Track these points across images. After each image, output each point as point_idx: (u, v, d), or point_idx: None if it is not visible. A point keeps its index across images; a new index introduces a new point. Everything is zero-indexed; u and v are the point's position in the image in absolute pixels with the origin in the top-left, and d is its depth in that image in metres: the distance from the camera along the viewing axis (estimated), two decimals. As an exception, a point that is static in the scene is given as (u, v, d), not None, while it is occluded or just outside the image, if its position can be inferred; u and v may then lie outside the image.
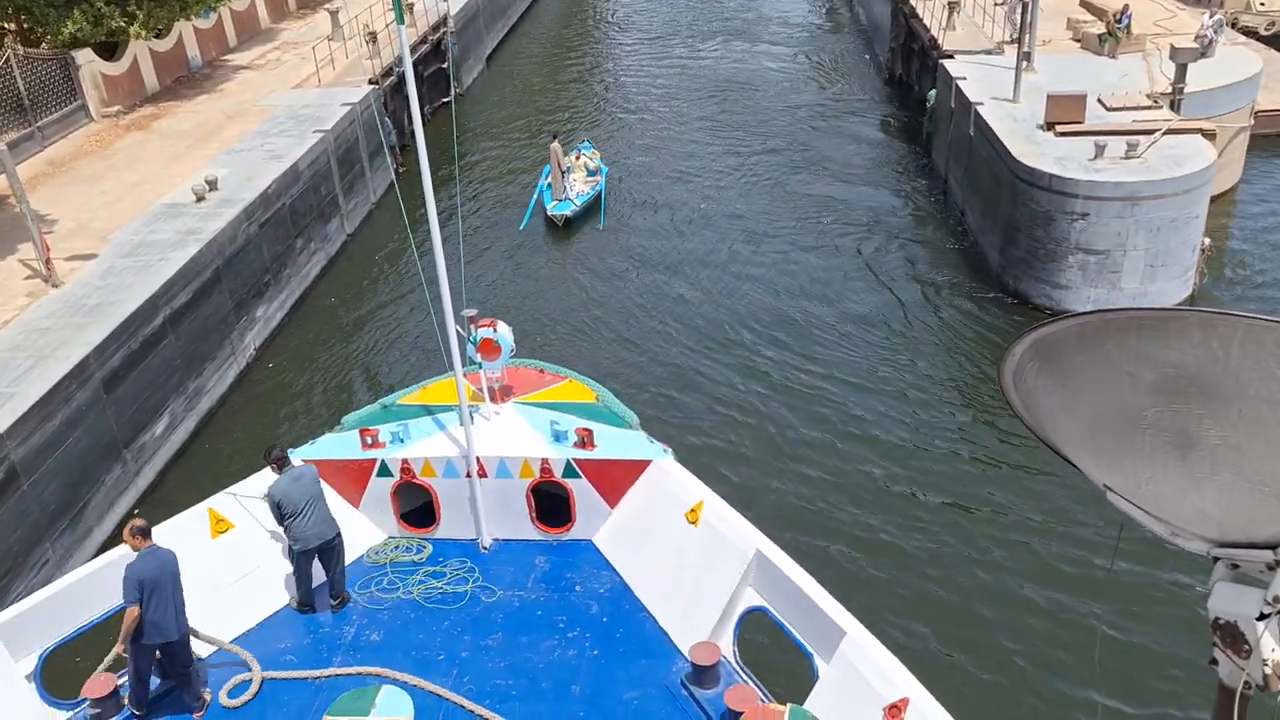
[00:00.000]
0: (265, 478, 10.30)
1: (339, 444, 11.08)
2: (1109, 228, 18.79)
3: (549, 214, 25.04)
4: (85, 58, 24.97)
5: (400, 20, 9.64)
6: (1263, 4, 32.28)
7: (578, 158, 26.62)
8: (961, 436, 16.81)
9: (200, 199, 20.22)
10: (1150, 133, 19.84)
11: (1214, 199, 20.26)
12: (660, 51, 41.43)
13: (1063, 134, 20.65)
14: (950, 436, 16.80)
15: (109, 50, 26.39)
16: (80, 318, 16.30)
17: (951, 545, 14.41)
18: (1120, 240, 18.76)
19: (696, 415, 17.67)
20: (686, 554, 9.85)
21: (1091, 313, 4.36)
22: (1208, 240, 19.73)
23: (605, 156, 28.03)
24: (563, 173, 25.47)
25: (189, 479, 16.50)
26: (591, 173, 26.39)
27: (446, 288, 10.08)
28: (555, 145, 25.70)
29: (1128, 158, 19.12)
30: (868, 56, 38.68)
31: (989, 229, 21.61)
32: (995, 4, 29.66)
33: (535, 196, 26.09)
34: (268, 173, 21.70)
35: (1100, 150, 19.21)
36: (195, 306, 18.17)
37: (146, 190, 21.13)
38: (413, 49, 31.51)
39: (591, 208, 25.56)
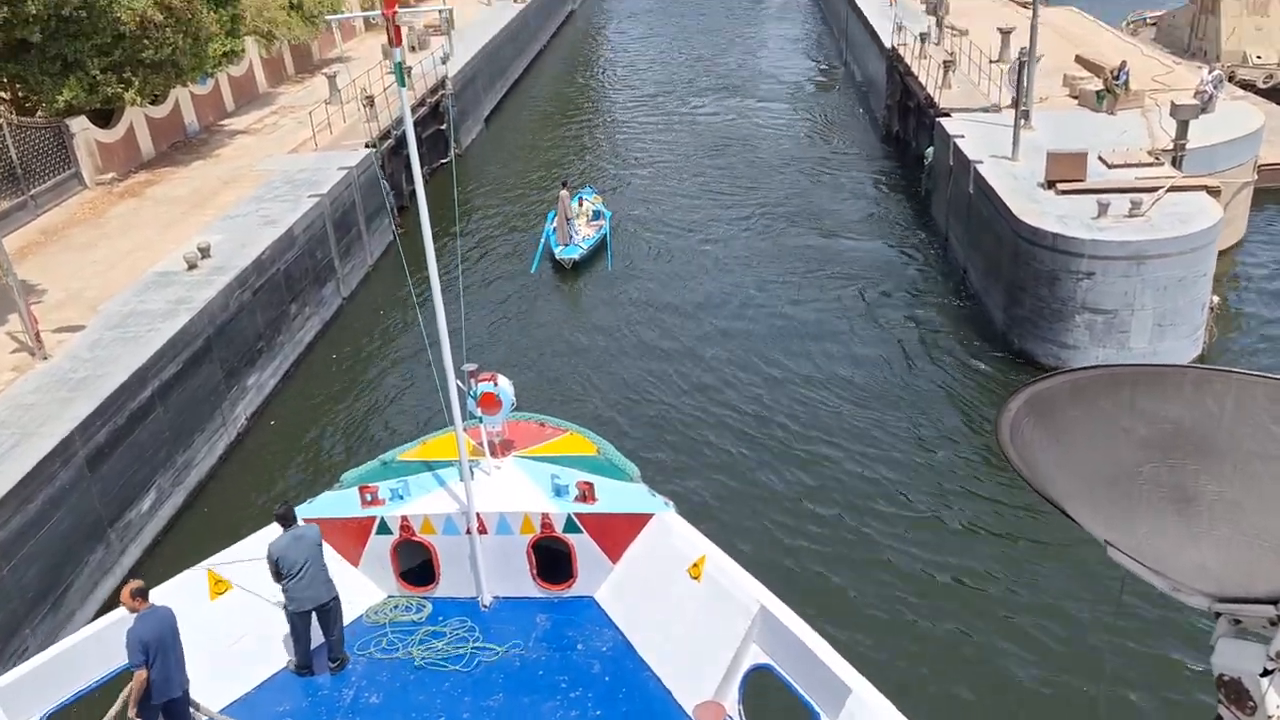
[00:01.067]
0: (265, 537, 10.27)
1: (338, 502, 11.09)
2: (1115, 287, 18.47)
3: (557, 258, 25.61)
4: (80, 125, 24.89)
5: (401, 83, 9.79)
6: (1259, 58, 32.36)
7: (581, 204, 27.27)
8: (966, 493, 16.44)
9: (192, 266, 19.95)
10: (1153, 190, 19.62)
11: (1219, 255, 19.98)
12: (659, 108, 41.65)
13: (1064, 192, 20.43)
14: (954, 494, 16.44)
15: (105, 117, 26.35)
16: (66, 392, 15.91)
17: (957, 601, 14.14)
18: (1127, 299, 18.43)
19: (699, 468, 17.52)
20: (689, 610, 9.75)
21: (1086, 368, 4.45)
22: (1216, 298, 19.42)
23: (608, 207, 28.42)
24: (568, 219, 26.01)
25: (179, 553, 15.98)
26: (595, 217, 27.19)
27: (447, 342, 10.15)
28: (564, 193, 26.31)
29: (1132, 216, 18.87)
30: (862, 111, 38.79)
31: (992, 287, 21.30)
32: (990, 62, 29.73)
33: (542, 241, 26.78)
34: (262, 238, 21.46)
35: (1104, 208, 18.96)
36: (185, 378, 17.79)
37: (139, 258, 20.87)
38: (411, 111, 31.46)
39: (598, 251, 26.28)
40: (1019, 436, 4.48)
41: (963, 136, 24.64)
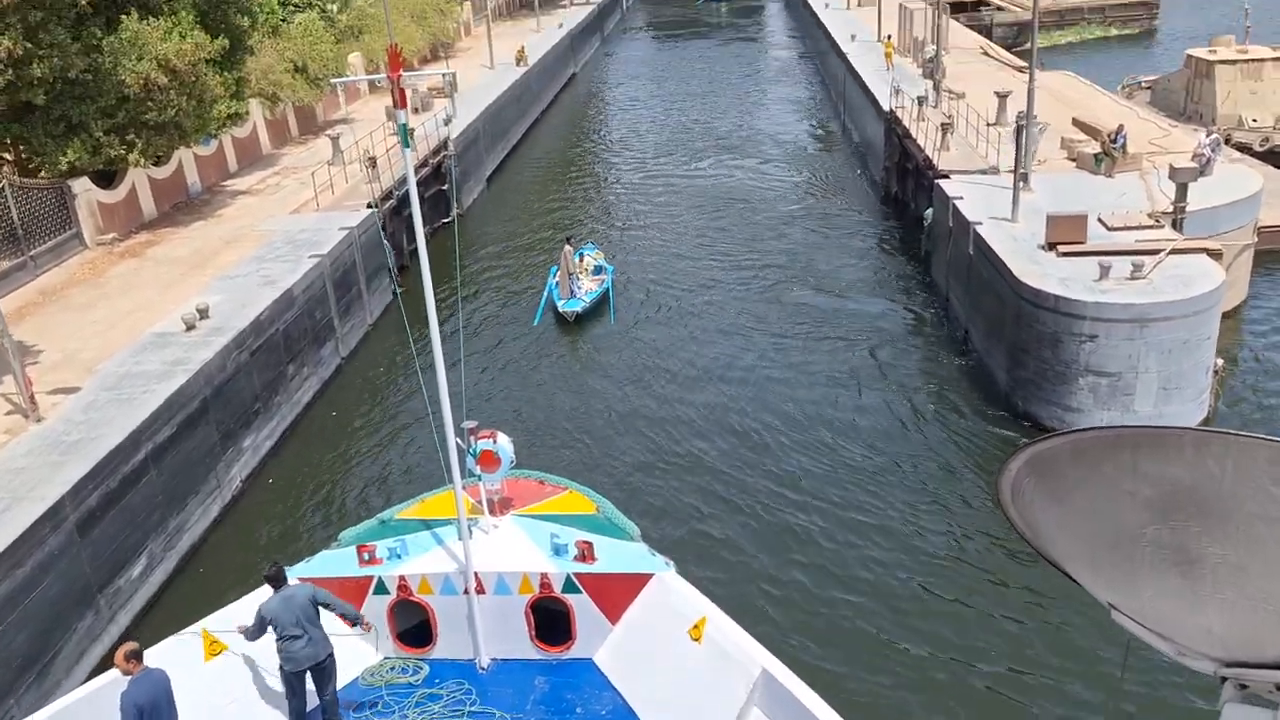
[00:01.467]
0: (261, 597, 10.19)
1: (335, 561, 11.03)
2: (1119, 350, 18.35)
3: (560, 310, 26.03)
4: (82, 186, 24.98)
5: (405, 144, 10.04)
6: (1254, 121, 32.66)
7: (582, 259, 27.73)
8: (969, 558, 16.21)
9: (190, 327, 19.85)
10: (1155, 253, 19.61)
11: (1222, 317, 19.88)
12: (660, 168, 41.99)
13: (1065, 254, 20.42)
14: (958, 558, 16.21)
15: (107, 177, 26.48)
16: (58, 455, 15.70)
17: (961, 663, 13.91)
18: (1131, 362, 18.30)
19: (699, 527, 17.37)
20: (690, 673, 9.59)
21: (1087, 429, 4.48)
22: (1220, 361, 19.30)
23: (610, 262, 28.87)
24: (570, 273, 26.53)
25: (170, 618, 15.66)
26: (597, 271, 27.71)
27: (447, 399, 10.16)
28: (567, 248, 26.97)
29: (1134, 278, 18.82)
30: (860, 172, 39.07)
31: (995, 349, 21.19)
32: (987, 125, 29.96)
33: (545, 295, 27.26)
34: (261, 299, 21.41)
35: (1105, 271, 18.92)
36: (179, 440, 17.58)
37: (138, 319, 20.79)
38: (414, 171, 31.69)
39: (600, 305, 26.77)
40: (1020, 497, 4.49)
41: (962, 198, 24.72)
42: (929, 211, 27.44)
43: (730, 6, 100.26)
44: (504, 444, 11.17)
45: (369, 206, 27.75)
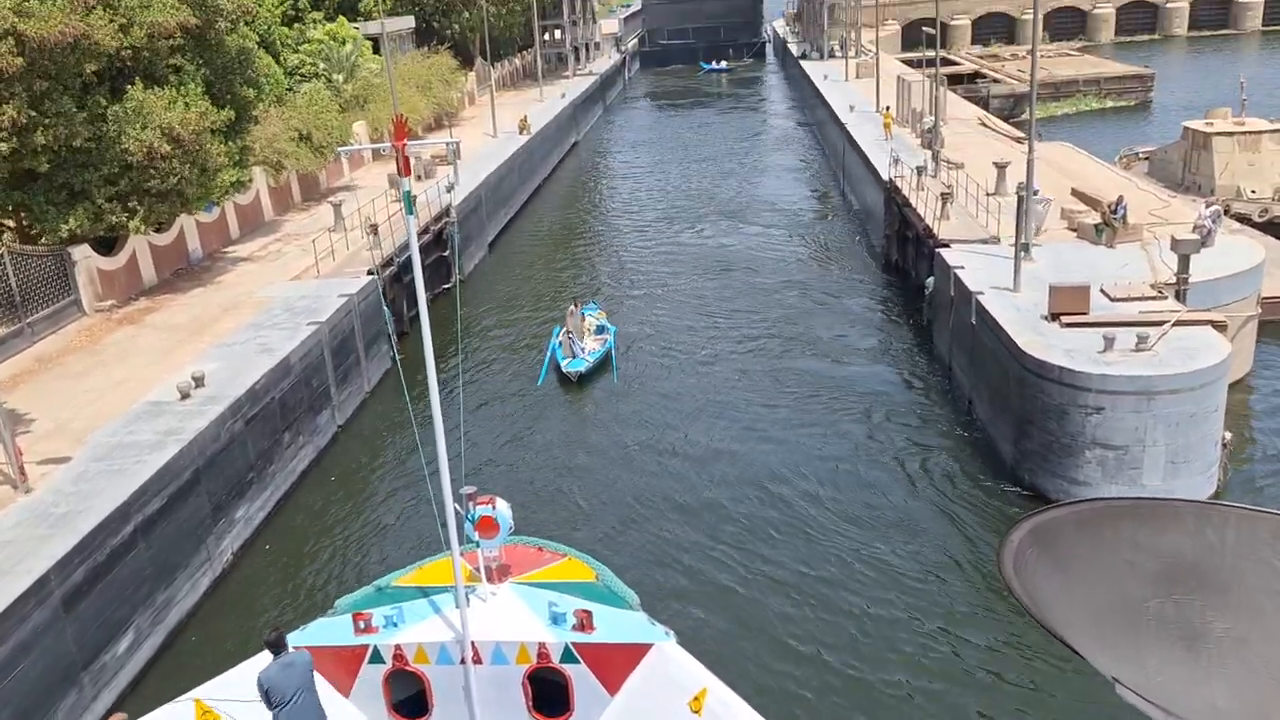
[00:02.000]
0: (256, 664, 10.09)
1: (331, 629, 10.89)
2: (1125, 422, 18.10)
3: (563, 370, 26.38)
4: (82, 253, 24.98)
5: (409, 210, 10.32)
6: (1253, 192, 32.80)
7: (584, 319, 28.13)
8: (973, 636, 15.78)
9: (185, 396, 19.63)
10: (1159, 324, 19.45)
11: (1228, 389, 19.66)
12: (661, 233, 42.25)
13: (1069, 325, 20.27)
14: (962, 634, 15.85)
15: (108, 244, 26.50)
16: (45, 529, 15.37)
17: None
18: (1138, 435, 18.03)
19: (700, 595, 17.13)
20: None
21: (1088, 500, 4.92)
22: (1228, 434, 19.02)
23: (612, 323, 29.42)
24: (572, 334, 27.10)
25: (155, 695, 15.29)
26: (599, 331, 28.23)
27: (445, 465, 10.20)
28: (572, 308, 27.73)
29: (1138, 350, 18.64)
30: (859, 239, 39.21)
31: (999, 419, 20.93)
32: (986, 195, 30.09)
33: (548, 355, 27.58)
34: (258, 367, 21.23)
35: (1110, 343, 18.75)
36: (170, 512, 17.25)
37: (132, 387, 20.58)
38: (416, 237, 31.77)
39: (603, 364, 27.06)
40: (1023, 569, 4.49)
41: (963, 268, 24.67)
42: (930, 280, 27.39)
43: (730, 76, 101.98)
44: (503, 510, 11.11)
45: (369, 273, 27.74)
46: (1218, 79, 71.28)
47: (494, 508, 11.03)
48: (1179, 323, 19.62)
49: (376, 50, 48.76)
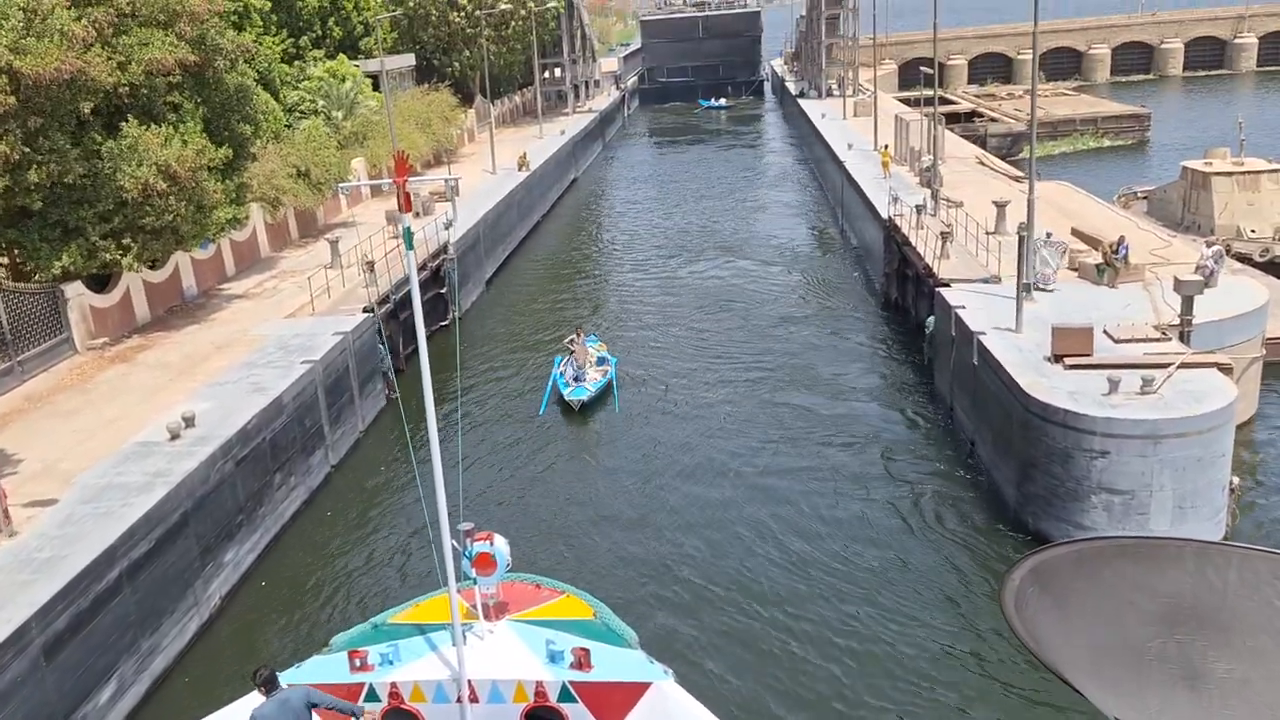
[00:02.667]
0: (249, 703, 10.01)
1: (326, 667, 10.81)
2: (1131, 467, 17.79)
3: (566, 399, 26.49)
4: (75, 290, 24.75)
5: (409, 246, 10.56)
6: (1253, 232, 32.72)
7: (586, 349, 28.36)
8: (974, 675, 15.50)
9: (175, 437, 19.31)
10: (1163, 366, 19.21)
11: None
12: (660, 270, 42.21)
13: (1072, 366, 20.01)
14: (963, 675, 15.57)
15: (101, 281, 26.28)
16: (28, 574, 14.99)
17: None
18: (1145, 480, 17.72)
19: (699, 634, 16.92)
20: None
21: (1088, 539, 4.91)
22: (1236, 479, 18.70)
23: (612, 353, 29.80)
24: (577, 363, 27.42)
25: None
26: (600, 362, 28.33)
27: (443, 501, 10.25)
28: (574, 337, 28.08)
29: (1144, 393, 18.37)
30: (858, 276, 39.10)
31: (1002, 462, 20.61)
32: (986, 233, 29.98)
33: (550, 384, 27.79)
34: (249, 406, 20.92)
35: (1114, 385, 18.49)
36: (156, 556, 16.86)
37: (122, 426, 20.27)
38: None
39: (605, 393, 27.25)
40: (1024, 609, 4.45)
41: (964, 307, 24.47)
42: (930, 320, 27.19)
43: (730, 114, 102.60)
44: (500, 546, 11.04)
45: (365, 311, 27.51)
46: (1214, 118, 71.74)
47: (492, 544, 10.96)
48: (1184, 365, 19.37)
49: (377, 87, 48.92)
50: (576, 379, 26.90)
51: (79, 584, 15.00)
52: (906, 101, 70.12)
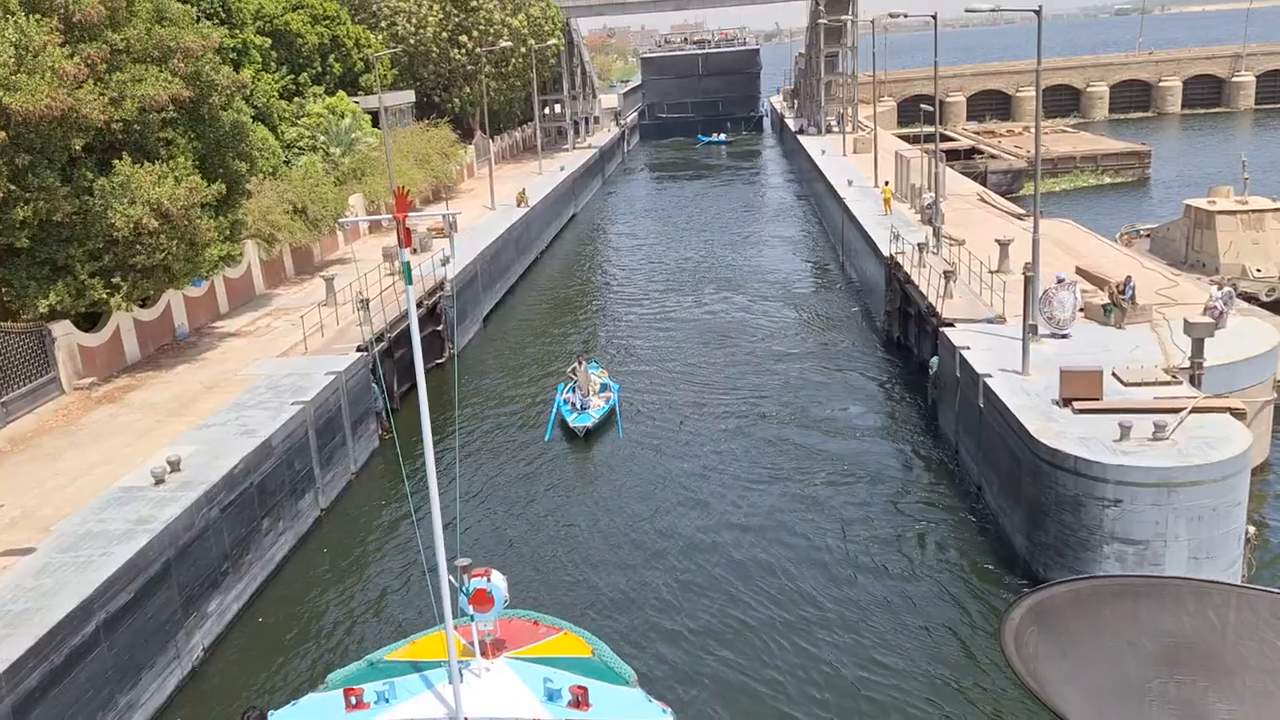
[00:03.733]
0: None
1: (321, 705, 10.72)
2: (1145, 516, 17.20)
3: (570, 425, 26.86)
4: (63, 330, 24.29)
5: (408, 281, 10.73)
6: (1259, 271, 32.34)
7: (589, 376, 28.62)
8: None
9: (159, 481, 18.77)
10: (1175, 411, 18.71)
11: (1248, 477, 18.85)
12: (659, 306, 41.92)
13: (1081, 410, 19.51)
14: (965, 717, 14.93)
15: (91, 319, 25.83)
16: (1, 628, 14.38)
17: None
18: (1159, 529, 17.12)
19: (699, 672, 16.61)
20: None
21: (1085, 577, 4.52)
22: (1251, 528, 18.13)
23: (614, 380, 30.22)
24: (579, 390, 27.78)
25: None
26: (602, 389, 28.65)
27: (440, 536, 10.23)
28: (577, 364, 28.40)
29: (1156, 439, 17.85)
30: (858, 312, 38.77)
31: (1011, 509, 20.05)
32: (990, 272, 29.60)
33: (554, 411, 28.16)
34: (237, 450, 20.39)
35: (1126, 431, 17.97)
36: (136, 607, 16.26)
37: (106, 471, 19.73)
38: (405, 314, 31.32)
39: (608, 419, 27.65)
40: (1024, 647, 4.70)
41: (969, 348, 24.02)
42: (934, 360, 26.73)
43: (730, 149, 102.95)
44: (498, 582, 11.00)
45: (359, 349, 27.05)
46: (1214, 156, 71.80)
47: (489, 580, 10.91)
48: (1196, 410, 18.87)
49: (376, 123, 48.79)
50: (581, 406, 27.26)
51: (53, 638, 14.40)
52: (905, 138, 70.18)
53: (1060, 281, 24.22)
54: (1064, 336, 24.07)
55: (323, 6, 54.89)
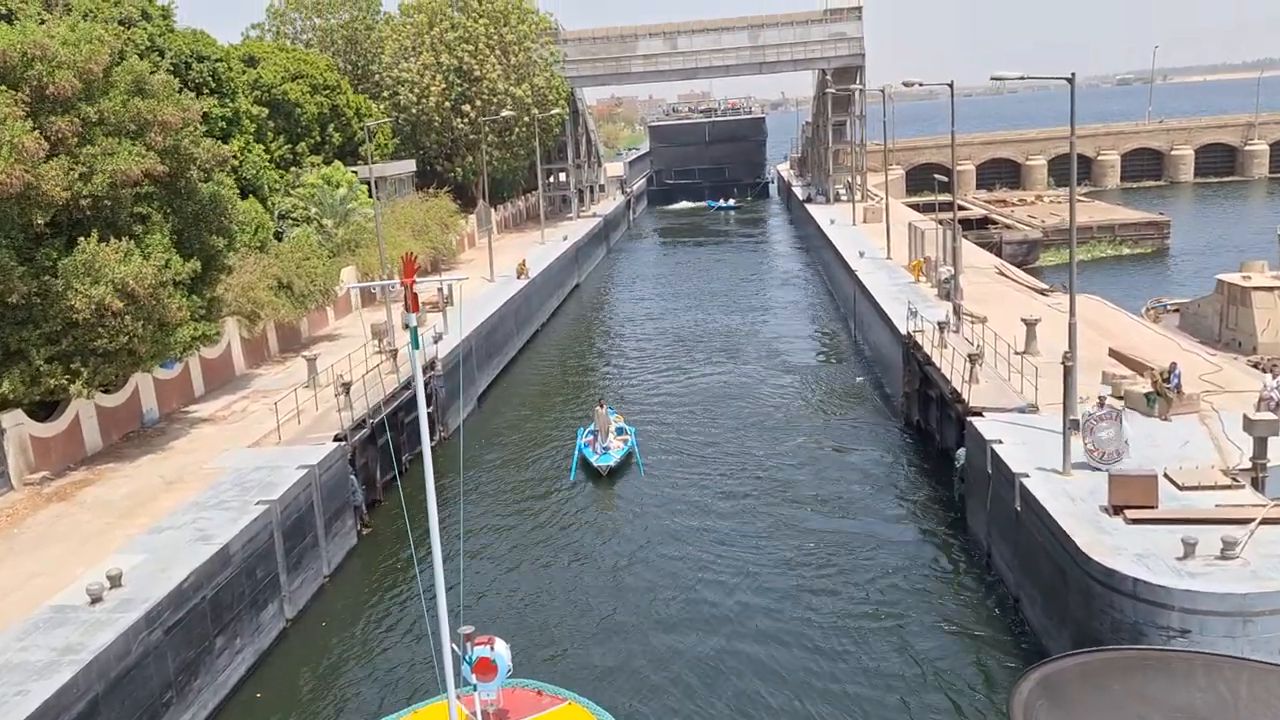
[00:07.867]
0: None
1: None
2: (1216, 648, 14.93)
3: (594, 465, 28.31)
4: (13, 420, 22.39)
5: (415, 345, 11.14)
6: (1302, 348, 30.31)
7: (605, 419, 29.67)
8: None
9: (96, 600, 16.66)
10: (1243, 522, 16.55)
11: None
12: (667, 378, 40.30)
13: (1134, 520, 17.35)
14: None
15: (49, 406, 23.94)
16: (-122, 793, 12.22)
17: None
18: (1234, 665, 14.86)
19: None
20: None
21: (1095, 650, 2.66)
22: (1338, 660, 15.83)
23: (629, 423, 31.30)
24: (599, 432, 29.23)
25: None
26: (620, 432, 30.02)
27: (444, 600, 10.15)
28: (599, 409, 29.80)
29: (1225, 557, 15.67)
30: (872, 389, 36.89)
31: (1057, 631, 17.78)
32: (1016, 354, 27.63)
33: (576, 453, 29.70)
34: (189, 560, 18.29)
35: (1190, 548, 15.80)
36: (52, 758, 14.05)
37: (42, 583, 17.69)
38: (394, 395, 29.41)
39: (628, 459, 29.20)
40: None
41: (1001, 442, 21.94)
42: (961, 452, 24.64)
43: (739, 215, 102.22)
44: (501, 651, 10.98)
45: (336, 439, 25.06)
46: (1232, 226, 70.29)
47: (492, 649, 10.94)
48: (1265, 521, 16.70)
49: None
50: (602, 448, 28.80)
51: (-59, 806, 12.22)
52: (915, 206, 68.86)
53: (1102, 404, 20.40)
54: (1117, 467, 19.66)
55: (323, 76, 54.05)
